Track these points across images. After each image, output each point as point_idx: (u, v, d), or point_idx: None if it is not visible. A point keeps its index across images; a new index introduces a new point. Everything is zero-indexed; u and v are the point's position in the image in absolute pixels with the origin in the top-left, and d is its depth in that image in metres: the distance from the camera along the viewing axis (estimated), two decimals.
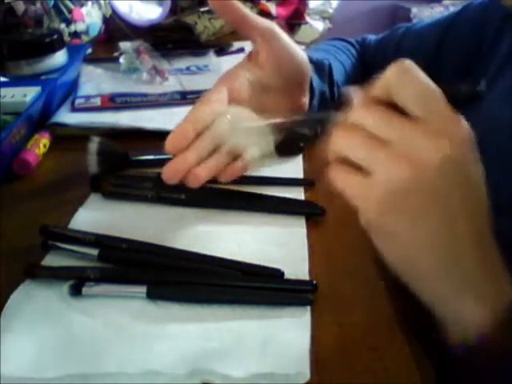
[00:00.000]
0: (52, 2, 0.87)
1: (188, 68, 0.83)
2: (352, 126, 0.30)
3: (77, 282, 0.38)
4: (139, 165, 0.53)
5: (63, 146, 0.60)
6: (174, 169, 0.41)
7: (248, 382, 0.31)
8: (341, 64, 0.64)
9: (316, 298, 0.37)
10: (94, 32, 0.95)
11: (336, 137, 0.30)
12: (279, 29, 0.47)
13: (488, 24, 0.54)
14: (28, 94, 0.63)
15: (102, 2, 0.97)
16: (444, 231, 0.29)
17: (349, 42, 0.72)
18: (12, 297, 0.37)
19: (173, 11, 1.09)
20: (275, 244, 0.43)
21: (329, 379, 0.32)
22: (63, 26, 0.89)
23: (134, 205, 0.49)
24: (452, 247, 0.29)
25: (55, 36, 0.77)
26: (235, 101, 0.45)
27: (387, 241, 0.30)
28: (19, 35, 0.80)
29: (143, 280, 0.38)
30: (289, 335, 0.34)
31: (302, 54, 0.49)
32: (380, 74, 0.29)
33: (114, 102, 0.68)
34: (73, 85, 0.75)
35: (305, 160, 0.55)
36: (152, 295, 0.37)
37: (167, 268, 0.40)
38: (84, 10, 0.92)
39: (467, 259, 0.30)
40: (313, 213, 0.46)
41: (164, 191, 0.48)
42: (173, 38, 0.95)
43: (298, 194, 0.49)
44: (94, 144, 0.49)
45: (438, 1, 2.73)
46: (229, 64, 0.49)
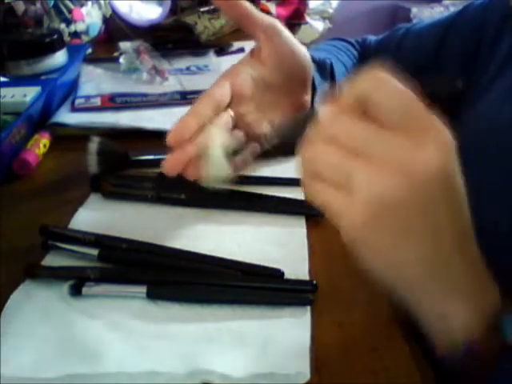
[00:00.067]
0: (52, 2, 0.87)
1: (188, 68, 0.83)
2: (325, 139, 0.28)
3: (77, 282, 0.38)
4: (139, 165, 0.53)
5: (63, 146, 0.60)
6: (175, 160, 0.41)
7: (248, 382, 0.31)
8: (342, 64, 0.64)
9: (316, 298, 0.37)
10: (94, 32, 0.95)
11: (309, 153, 0.29)
12: (282, 26, 0.47)
13: (488, 24, 0.54)
14: (28, 94, 0.63)
15: (102, 2, 0.97)
16: (429, 242, 0.28)
17: (349, 42, 0.72)
18: (12, 297, 0.38)
19: (173, 11, 1.09)
20: (275, 244, 0.43)
21: (329, 379, 0.32)
22: (63, 26, 0.89)
23: (134, 205, 0.49)
24: (437, 256, 0.29)
25: (55, 36, 0.77)
26: (237, 97, 0.45)
27: (372, 255, 0.29)
28: (19, 35, 0.80)
29: (143, 280, 0.38)
30: (289, 335, 0.34)
31: (305, 52, 0.49)
32: (348, 82, 0.28)
33: (114, 102, 0.68)
34: (73, 85, 0.75)
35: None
36: (152, 295, 0.37)
37: (167, 268, 0.40)
38: (84, 10, 0.92)
39: (453, 268, 0.29)
40: (313, 213, 0.46)
41: (164, 191, 0.48)
42: (173, 38, 0.95)
43: (298, 194, 0.49)
44: (94, 144, 0.49)
45: (438, 1, 2.73)
46: (229, 64, 0.49)
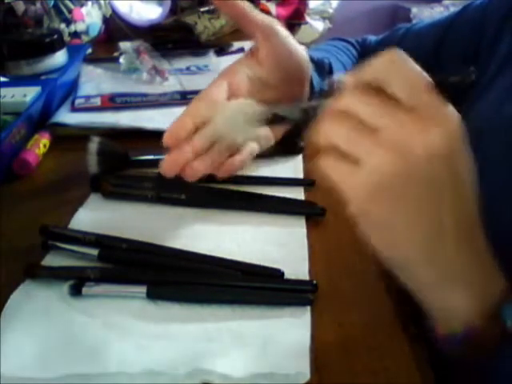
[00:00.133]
0: (52, 2, 0.87)
1: (188, 68, 0.83)
2: (340, 113, 0.30)
3: (77, 282, 0.38)
4: (139, 165, 0.53)
5: (63, 146, 0.60)
6: (172, 162, 0.41)
7: (248, 382, 0.31)
8: (342, 64, 0.64)
9: (316, 298, 0.37)
10: (94, 32, 0.95)
11: (324, 125, 0.30)
12: (280, 26, 0.47)
13: (488, 24, 0.54)
14: (28, 94, 0.63)
15: (102, 2, 0.97)
16: (429, 219, 0.29)
17: (349, 42, 0.72)
18: (12, 297, 0.38)
19: (173, 11, 1.09)
20: (275, 244, 0.43)
21: (329, 379, 0.32)
22: (63, 26, 0.89)
23: (134, 205, 0.49)
24: (437, 234, 0.29)
25: (55, 36, 0.77)
26: (234, 96, 0.45)
27: (373, 228, 0.30)
28: (19, 35, 0.80)
29: (143, 280, 0.38)
30: (289, 335, 0.34)
31: (303, 52, 0.49)
32: (369, 61, 0.29)
33: (114, 102, 0.68)
34: (73, 85, 0.75)
35: (305, 160, 0.55)
36: (152, 295, 0.37)
37: (167, 268, 0.40)
38: (84, 10, 0.92)
39: (453, 247, 0.30)
40: (313, 213, 0.46)
41: (164, 191, 0.48)
42: (173, 38, 0.95)
43: (298, 194, 0.49)
44: (94, 144, 0.49)
45: (438, 1, 2.73)
46: (229, 64, 0.49)
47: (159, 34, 0.96)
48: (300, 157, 0.55)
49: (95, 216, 0.47)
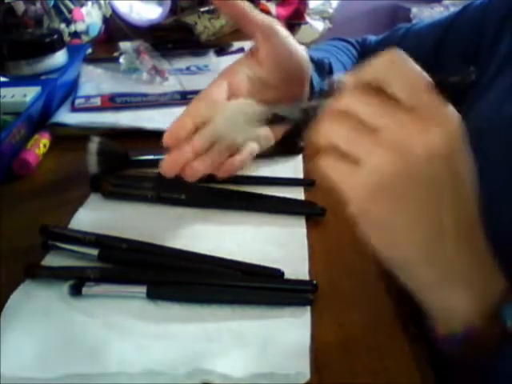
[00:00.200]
0: (52, 2, 0.87)
1: (188, 68, 0.83)
2: (340, 113, 0.30)
3: (77, 282, 0.38)
4: (139, 165, 0.53)
5: (63, 146, 0.60)
6: (172, 162, 0.41)
7: (248, 382, 0.31)
8: (341, 64, 0.64)
9: (316, 298, 0.37)
10: (94, 32, 0.95)
11: (324, 125, 0.30)
12: (280, 26, 0.47)
13: (488, 24, 0.54)
14: (28, 94, 0.63)
15: (102, 2, 0.97)
16: (429, 219, 0.29)
17: (349, 42, 0.72)
18: (12, 297, 0.38)
19: (173, 11, 1.09)
20: (275, 244, 0.43)
21: (329, 379, 0.32)
22: (63, 26, 0.89)
23: (134, 205, 0.49)
24: (437, 234, 0.29)
25: (55, 36, 0.77)
26: (234, 96, 0.45)
27: (373, 228, 0.30)
28: (19, 35, 0.80)
29: (143, 280, 0.38)
30: (289, 335, 0.34)
31: (303, 52, 0.49)
32: (369, 60, 0.29)
33: (114, 102, 0.68)
34: (73, 85, 0.75)
35: (305, 160, 0.55)
36: (152, 295, 0.37)
37: (167, 268, 0.40)
38: (84, 10, 0.92)
39: (453, 247, 0.30)
40: (313, 213, 0.46)
41: (164, 191, 0.48)
42: (173, 38, 0.95)
43: (298, 194, 0.49)
44: (94, 144, 0.49)
45: (438, 1, 2.73)
46: (229, 64, 0.49)
47: (159, 34, 0.96)
48: (300, 157, 0.55)
49: (95, 216, 0.47)
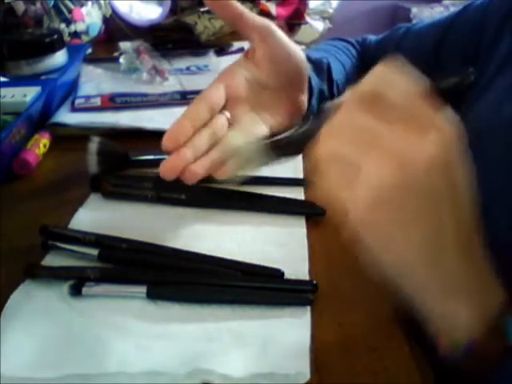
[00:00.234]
0: (52, 2, 0.87)
1: (188, 68, 0.83)
2: (340, 127, 0.30)
3: (77, 282, 0.38)
4: (139, 165, 0.53)
5: (63, 146, 0.60)
6: (171, 165, 0.41)
7: (248, 382, 0.31)
8: (341, 64, 0.64)
9: (316, 298, 0.37)
10: (94, 32, 0.95)
11: (324, 137, 0.30)
12: (276, 27, 0.47)
13: (488, 24, 0.54)
14: (28, 94, 0.63)
15: (102, 2, 0.97)
16: (428, 229, 0.29)
17: (349, 42, 0.72)
18: (12, 297, 0.37)
19: (173, 11, 1.09)
20: (275, 244, 0.43)
21: (329, 379, 0.32)
22: (63, 26, 0.89)
23: (134, 205, 0.49)
24: (437, 244, 0.29)
25: (55, 36, 0.77)
26: (232, 98, 0.45)
27: (374, 239, 0.30)
28: (19, 35, 0.80)
29: (143, 280, 0.38)
30: (289, 335, 0.34)
31: (300, 53, 0.49)
32: (365, 74, 0.29)
33: (114, 102, 0.68)
34: (73, 85, 0.75)
35: (305, 160, 0.55)
36: (152, 295, 0.37)
37: (167, 268, 0.40)
38: (84, 10, 0.92)
39: (454, 266, 0.30)
40: (313, 213, 0.46)
41: (164, 191, 0.48)
42: (173, 38, 0.95)
43: (298, 194, 0.49)
44: (94, 144, 0.49)
45: (438, 1, 2.73)
46: (229, 64, 0.49)
47: (159, 34, 0.96)
48: (300, 157, 0.55)
49: (95, 216, 0.47)
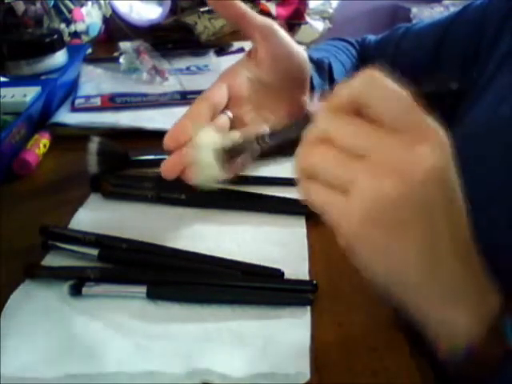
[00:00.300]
0: (52, 2, 0.87)
1: (188, 68, 0.83)
2: (321, 140, 0.28)
3: (77, 282, 0.38)
4: (139, 165, 0.53)
5: (63, 146, 0.60)
6: (172, 164, 0.41)
7: (248, 382, 0.31)
8: (341, 64, 0.64)
9: (316, 298, 0.37)
10: (94, 32, 0.95)
11: (305, 154, 0.29)
12: (278, 27, 0.47)
13: (488, 24, 0.54)
14: (28, 94, 0.63)
15: (102, 2, 0.97)
16: (426, 242, 0.28)
17: (349, 42, 0.72)
18: (12, 297, 0.38)
19: (173, 11, 1.09)
20: (275, 244, 0.43)
21: (329, 379, 0.32)
22: (63, 26, 0.89)
23: (134, 205, 0.49)
24: (434, 259, 0.29)
25: (55, 36, 0.77)
26: (235, 98, 0.45)
27: (369, 255, 0.29)
28: (19, 35, 0.80)
29: (143, 280, 0.38)
30: (289, 335, 0.34)
31: (302, 52, 0.49)
32: (342, 84, 0.28)
33: (114, 102, 0.68)
34: (73, 85, 0.75)
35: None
36: (152, 295, 0.37)
37: (167, 268, 0.40)
38: (84, 10, 0.92)
39: (451, 273, 0.29)
40: (313, 213, 0.46)
41: (164, 191, 0.48)
42: (173, 38, 0.95)
43: (298, 194, 0.49)
44: (94, 144, 0.49)
45: (438, 1, 2.73)
46: (229, 64, 0.49)
47: (159, 34, 0.96)
48: None
49: (95, 216, 0.47)
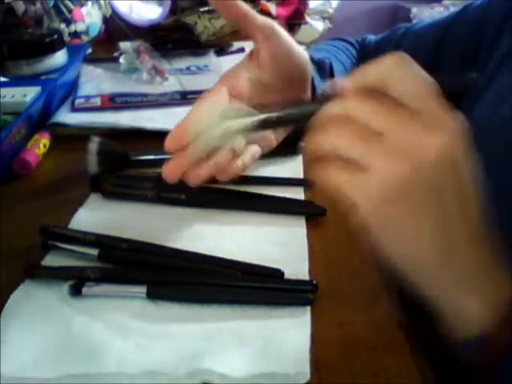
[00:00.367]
0: (52, 2, 0.87)
1: (188, 68, 0.83)
2: (341, 119, 0.29)
3: (77, 282, 0.38)
4: (139, 165, 0.53)
5: (63, 146, 0.60)
6: (174, 167, 0.41)
7: (248, 382, 0.31)
8: (341, 64, 0.64)
9: (316, 298, 0.37)
10: (94, 32, 0.95)
11: (324, 132, 0.29)
12: (279, 27, 0.47)
13: (488, 24, 0.54)
14: (28, 94, 0.63)
15: (102, 2, 0.97)
16: (439, 223, 0.29)
17: (349, 42, 0.72)
18: (12, 297, 0.37)
19: (173, 11, 1.09)
20: (275, 244, 0.43)
21: (329, 379, 0.32)
22: (63, 26, 0.89)
23: (134, 205, 0.49)
24: (447, 240, 0.29)
25: (55, 36, 0.77)
26: (236, 100, 0.45)
27: (385, 234, 0.30)
28: (19, 35, 0.80)
29: (143, 280, 0.38)
30: (289, 335, 0.34)
31: (303, 53, 0.49)
32: (370, 63, 0.29)
33: (114, 102, 0.68)
34: (73, 85, 0.75)
35: (305, 160, 0.55)
36: (152, 295, 0.37)
37: (167, 268, 0.40)
38: (84, 10, 0.92)
39: (464, 258, 0.30)
40: (313, 213, 0.46)
41: (164, 191, 0.48)
42: (173, 38, 0.95)
43: (298, 194, 0.49)
44: (94, 144, 0.49)
45: (438, 1, 2.73)
46: (229, 64, 0.49)
47: (159, 34, 0.96)
48: (300, 157, 0.55)
49: (95, 216, 0.47)
